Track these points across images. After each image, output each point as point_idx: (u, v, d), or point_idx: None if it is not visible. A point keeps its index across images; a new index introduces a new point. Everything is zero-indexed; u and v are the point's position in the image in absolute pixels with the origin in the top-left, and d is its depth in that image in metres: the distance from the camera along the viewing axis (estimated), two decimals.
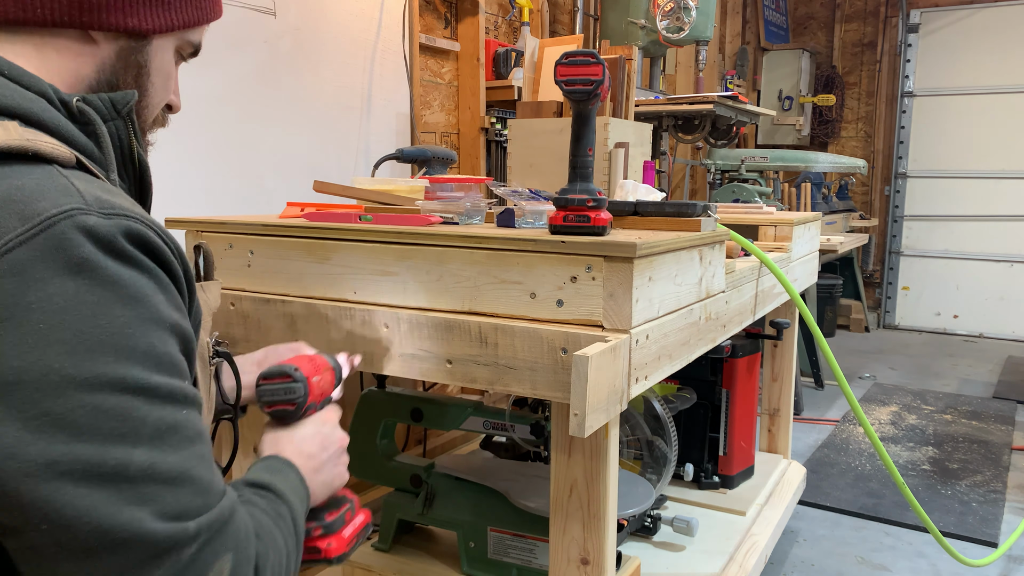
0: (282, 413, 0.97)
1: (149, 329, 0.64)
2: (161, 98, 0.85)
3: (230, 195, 2.25)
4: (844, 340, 5.76)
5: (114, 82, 0.79)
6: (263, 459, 0.89)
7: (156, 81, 0.83)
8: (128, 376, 0.62)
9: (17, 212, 0.61)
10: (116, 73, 0.79)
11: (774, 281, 1.85)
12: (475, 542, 1.62)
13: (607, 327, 1.09)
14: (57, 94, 0.72)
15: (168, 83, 0.86)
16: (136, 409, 0.62)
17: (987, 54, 5.89)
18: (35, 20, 0.73)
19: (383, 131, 2.85)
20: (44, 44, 0.74)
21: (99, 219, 0.63)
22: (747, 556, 1.88)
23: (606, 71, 1.15)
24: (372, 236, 1.28)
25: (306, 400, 0.97)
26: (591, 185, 1.18)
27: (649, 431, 1.99)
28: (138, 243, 0.65)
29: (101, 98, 0.75)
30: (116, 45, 0.78)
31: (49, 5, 0.73)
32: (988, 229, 6.02)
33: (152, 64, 0.82)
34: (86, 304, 0.61)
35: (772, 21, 6.35)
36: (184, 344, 0.69)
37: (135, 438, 0.61)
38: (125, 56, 0.79)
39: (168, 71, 0.85)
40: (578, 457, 1.14)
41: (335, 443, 0.97)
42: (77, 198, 0.63)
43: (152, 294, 0.65)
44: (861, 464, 3.19)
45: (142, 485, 0.61)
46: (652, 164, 2.05)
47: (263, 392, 0.97)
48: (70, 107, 0.73)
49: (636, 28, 3.52)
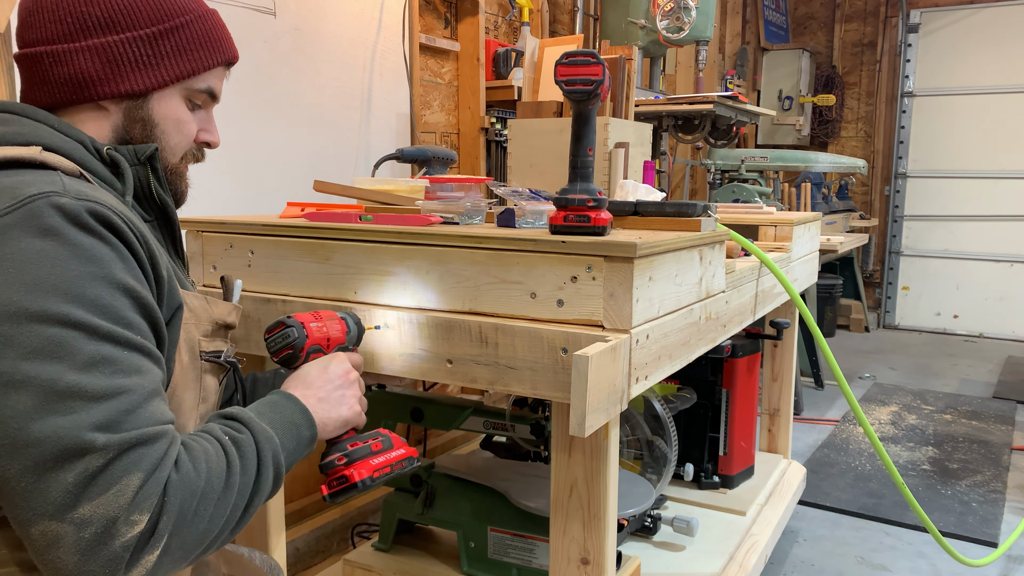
0: (287, 357, 1.06)
1: (99, 284, 0.77)
2: (178, 141, 1.00)
3: (230, 195, 2.25)
4: (844, 340, 5.76)
5: (128, 137, 0.96)
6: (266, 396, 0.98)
7: (167, 128, 0.98)
8: (72, 314, 0.74)
9: (9, 194, 0.78)
10: (128, 128, 0.96)
11: (774, 281, 1.85)
12: (475, 542, 1.62)
13: (607, 327, 1.09)
14: (93, 143, 0.92)
15: (183, 128, 1.00)
16: (74, 340, 0.74)
17: (987, 54, 5.89)
18: (59, 102, 0.93)
19: (383, 131, 2.85)
20: (72, 117, 0.94)
21: (70, 200, 0.79)
22: (747, 556, 1.88)
23: (606, 71, 1.15)
24: (372, 236, 1.28)
25: (304, 343, 1.06)
26: (591, 185, 1.18)
27: (649, 431, 1.99)
28: (101, 220, 0.80)
29: (128, 148, 0.95)
30: (122, 107, 0.95)
31: (61, 91, 0.93)
32: (988, 229, 6.02)
33: (156, 115, 0.97)
34: (48, 258, 0.75)
35: (772, 21, 6.36)
36: (139, 306, 0.81)
37: (70, 361, 0.73)
38: (130, 114, 0.96)
39: (178, 118, 0.99)
40: (578, 457, 1.14)
41: (340, 375, 1.05)
42: (59, 186, 0.80)
43: (108, 259, 0.79)
44: (861, 464, 3.19)
45: (68, 399, 0.72)
46: (652, 164, 2.05)
47: (268, 345, 1.06)
48: (102, 154, 0.93)
49: (636, 28, 3.52)
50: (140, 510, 0.72)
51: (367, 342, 1.27)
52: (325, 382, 1.03)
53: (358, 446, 1.02)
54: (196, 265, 1.50)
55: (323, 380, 1.03)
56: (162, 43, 0.95)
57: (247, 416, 0.90)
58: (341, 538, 2.21)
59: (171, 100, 0.98)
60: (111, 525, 0.71)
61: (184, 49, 0.97)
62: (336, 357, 1.07)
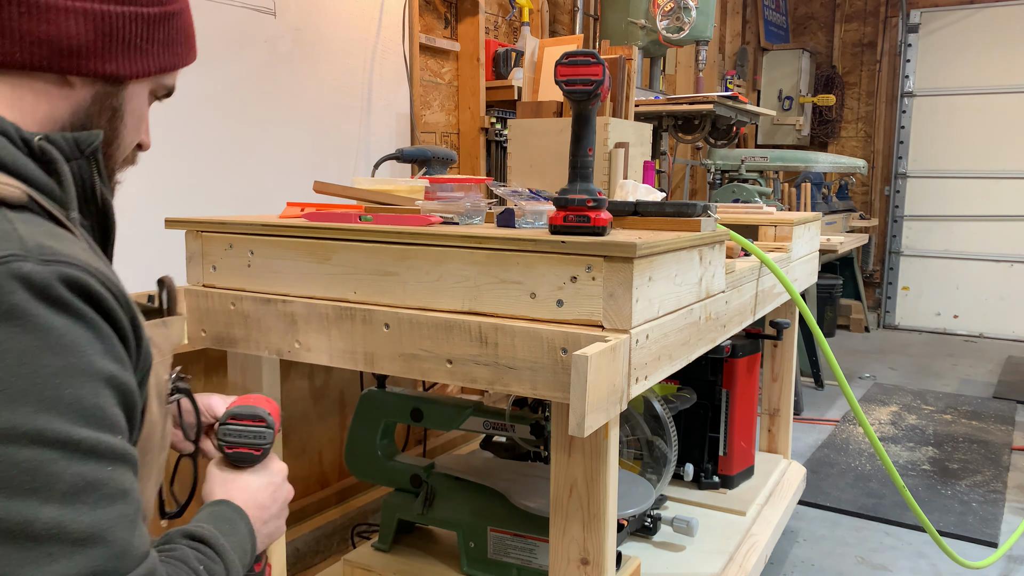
0: (244, 457, 0.94)
1: (78, 380, 0.62)
2: (132, 139, 0.87)
3: (230, 195, 2.25)
4: (844, 340, 5.76)
5: (87, 124, 0.80)
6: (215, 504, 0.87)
7: (129, 123, 0.85)
8: (48, 428, 0.59)
9: None
10: (90, 116, 0.80)
11: (774, 281, 1.85)
12: (475, 542, 1.62)
13: (607, 327, 1.09)
14: (19, 132, 0.71)
15: (140, 124, 0.87)
16: (52, 463, 0.59)
17: (987, 54, 5.89)
18: (13, 63, 0.74)
19: (383, 131, 2.85)
20: (20, 85, 0.75)
21: (35, 266, 0.61)
22: (747, 556, 1.88)
23: (606, 71, 1.15)
24: (372, 236, 1.28)
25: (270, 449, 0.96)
26: (591, 185, 1.18)
27: (649, 431, 1.99)
28: (76, 290, 0.64)
29: (65, 137, 0.75)
30: (92, 89, 0.80)
31: (29, 50, 0.73)
32: (988, 229, 6.02)
33: (127, 107, 0.84)
34: (12, 352, 0.59)
35: (772, 21, 6.36)
36: (123, 397, 0.67)
37: (46, 494, 0.58)
38: (100, 100, 0.81)
39: (141, 113, 0.87)
40: (578, 457, 1.14)
41: (284, 495, 0.97)
42: (16, 244, 0.62)
43: (86, 344, 0.63)
44: (861, 464, 3.19)
45: (48, 544, 0.57)
46: (652, 164, 2.05)
47: (229, 432, 0.94)
48: (31, 145, 0.72)
49: (636, 28, 3.52)
50: None
51: (367, 342, 1.27)
52: (272, 501, 0.94)
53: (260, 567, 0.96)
54: (196, 266, 1.50)
55: (272, 502, 0.94)
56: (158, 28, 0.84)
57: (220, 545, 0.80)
58: (341, 538, 2.22)
59: (143, 93, 0.86)
60: None
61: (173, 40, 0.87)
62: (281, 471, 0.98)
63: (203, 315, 1.46)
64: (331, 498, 2.27)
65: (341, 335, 1.29)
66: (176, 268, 1.62)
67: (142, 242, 1.88)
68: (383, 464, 1.76)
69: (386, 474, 1.76)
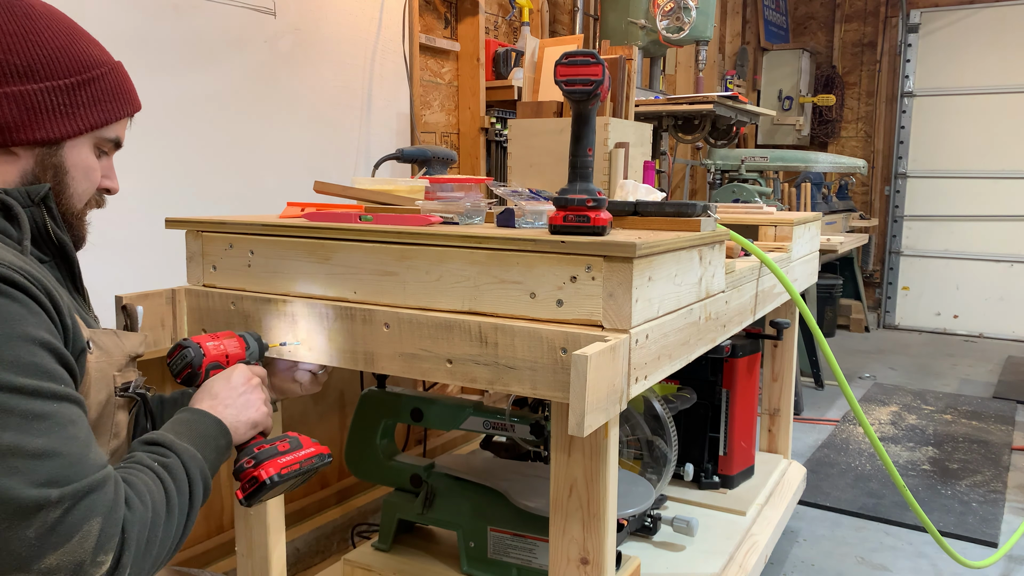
0: (188, 376, 1.14)
1: (15, 343, 0.80)
2: (85, 188, 1.04)
3: (230, 195, 2.25)
4: (844, 340, 5.76)
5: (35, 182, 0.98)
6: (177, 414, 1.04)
7: (76, 175, 1.02)
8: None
9: None
10: (37, 175, 0.98)
11: (774, 281, 1.85)
12: (475, 542, 1.62)
13: (607, 327, 1.09)
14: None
15: (90, 175, 1.04)
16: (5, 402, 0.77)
17: (987, 54, 5.89)
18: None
19: (383, 131, 2.85)
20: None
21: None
22: (747, 556, 1.88)
23: (606, 71, 1.15)
24: (372, 236, 1.28)
25: (201, 360, 1.14)
26: (591, 185, 1.18)
27: (649, 431, 1.99)
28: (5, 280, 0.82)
29: (19, 190, 0.96)
30: (33, 153, 0.97)
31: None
32: (988, 229, 6.02)
33: (68, 162, 1.00)
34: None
35: (772, 21, 6.35)
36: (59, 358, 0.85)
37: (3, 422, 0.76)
38: (42, 161, 0.98)
39: (87, 165, 1.03)
40: (578, 457, 1.14)
41: (242, 383, 1.12)
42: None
43: (19, 316, 0.82)
44: (861, 464, 3.19)
45: (10, 459, 0.75)
46: (652, 164, 2.05)
47: (170, 368, 1.14)
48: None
49: (636, 28, 3.52)
50: (104, 551, 0.78)
51: (367, 342, 1.27)
52: (229, 391, 1.10)
53: (264, 448, 1.09)
54: (196, 266, 1.50)
55: (227, 390, 1.11)
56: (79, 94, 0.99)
57: (169, 439, 0.96)
58: (341, 538, 2.21)
59: (82, 148, 1.02)
60: (78, 569, 0.76)
61: (98, 100, 1.01)
62: (236, 368, 1.15)
63: (203, 315, 1.46)
64: (331, 498, 2.27)
65: (341, 335, 1.29)
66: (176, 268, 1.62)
67: (143, 242, 1.88)
68: (383, 464, 1.76)
69: (386, 474, 1.76)
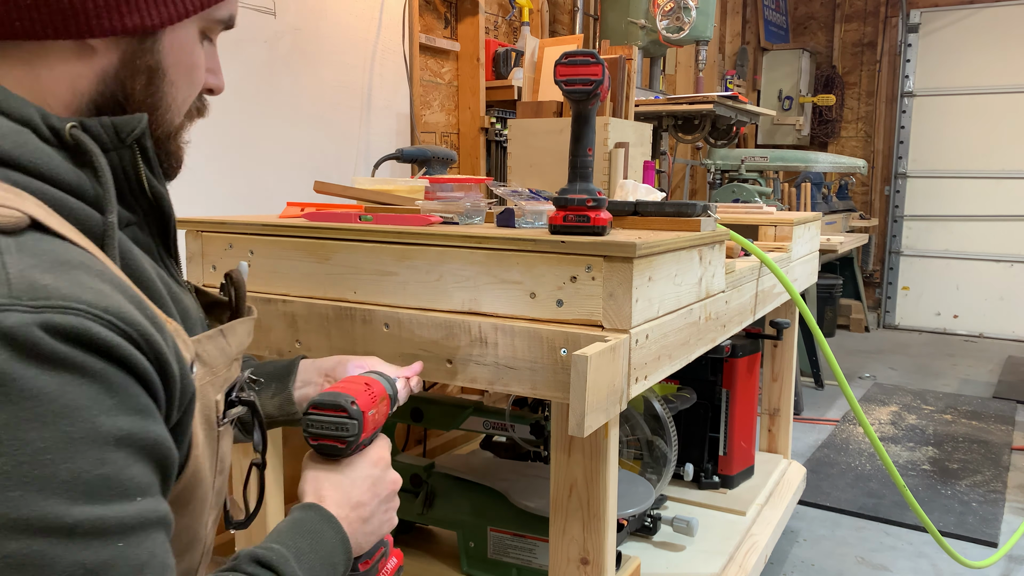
0: (329, 449, 0.84)
1: (77, 450, 0.51)
2: (187, 95, 0.73)
3: (230, 195, 2.25)
4: (844, 340, 5.76)
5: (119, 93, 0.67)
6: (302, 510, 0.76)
7: (176, 79, 0.70)
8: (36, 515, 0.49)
9: None
10: (122, 82, 0.66)
11: (774, 281, 1.85)
12: (475, 542, 1.62)
13: (607, 327, 1.09)
14: (46, 120, 0.61)
15: (194, 74, 0.72)
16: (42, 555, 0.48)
17: (987, 54, 5.89)
18: (17, 34, 0.61)
19: (383, 131, 2.85)
20: (33, 60, 0.63)
21: (22, 315, 0.50)
22: (747, 556, 1.88)
23: (606, 71, 1.15)
24: (372, 236, 1.28)
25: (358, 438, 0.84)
26: (591, 185, 1.18)
27: (649, 431, 1.99)
28: (75, 340, 0.52)
29: (103, 123, 0.64)
30: (119, 50, 0.65)
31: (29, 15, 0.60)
32: (988, 229, 6.02)
33: (166, 62, 0.68)
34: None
35: (772, 21, 6.35)
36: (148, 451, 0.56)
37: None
38: (130, 61, 0.66)
39: (191, 62, 0.71)
40: (578, 457, 1.14)
41: (387, 487, 0.84)
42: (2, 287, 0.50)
43: (88, 404, 0.52)
44: (861, 464, 3.19)
45: None
46: (652, 164, 2.05)
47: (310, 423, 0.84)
48: (61, 135, 0.61)
49: (636, 28, 3.51)
50: None
51: (367, 342, 1.27)
52: (372, 497, 0.81)
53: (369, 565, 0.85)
54: (196, 266, 1.50)
55: (370, 496, 0.81)
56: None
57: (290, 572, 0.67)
58: None
59: (186, 37, 0.69)
60: None
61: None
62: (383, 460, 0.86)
63: None
64: None
65: (341, 335, 1.29)
66: None
67: None
68: None
69: None
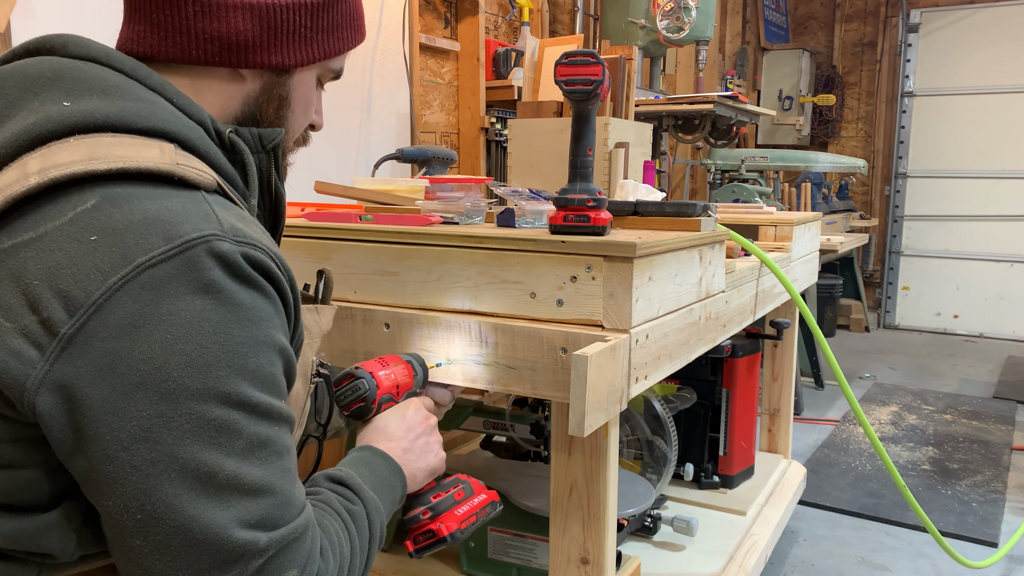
0: (359, 411, 1.01)
1: (260, 350, 0.70)
2: (301, 124, 0.92)
3: None
4: (844, 340, 5.76)
5: (256, 114, 0.86)
6: (357, 450, 0.95)
7: (297, 109, 0.90)
8: (235, 391, 0.68)
9: (162, 232, 0.67)
10: (259, 105, 0.86)
11: (774, 281, 1.85)
12: (475, 542, 1.62)
13: (607, 327, 1.09)
14: (214, 124, 0.81)
15: (308, 109, 0.92)
16: (235, 422, 0.67)
17: (987, 54, 5.89)
18: (192, 60, 0.81)
19: (383, 131, 2.85)
20: (199, 81, 0.82)
21: (231, 245, 0.69)
22: (747, 556, 1.88)
23: (606, 71, 1.15)
24: (372, 236, 1.28)
25: (375, 393, 1.01)
26: (591, 185, 1.18)
27: (649, 431, 1.99)
28: (260, 269, 0.72)
29: (252, 132, 0.84)
30: (261, 80, 0.85)
31: (204, 47, 0.80)
32: (988, 229, 6.02)
33: (293, 95, 0.88)
34: (209, 321, 0.67)
35: (772, 21, 6.36)
36: (287, 365, 0.75)
37: (228, 448, 0.67)
38: (268, 90, 0.86)
39: (308, 99, 0.91)
40: (578, 457, 1.14)
41: (420, 423, 1.02)
42: (215, 224, 0.69)
43: (267, 317, 0.72)
44: (861, 464, 3.19)
45: (228, 492, 0.67)
46: (652, 164, 2.05)
47: (337, 398, 1.01)
48: (223, 137, 0.81)
49: (636, 28, 3.52)
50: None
51: (367, 342, 1.27)
52: (407, 431, 1.01)
53: (441, 497, 0.99)
54: None
55: (404, 430, 1.01)
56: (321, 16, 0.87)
57: (357, 484, 0.88)
58: None
59: (310, 78, 0.90)
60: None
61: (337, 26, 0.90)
62: (411, 404, 1.05)
63: None
64: None
65: (341, 335, 1.29)
66: None
67: None
68: None
69: None
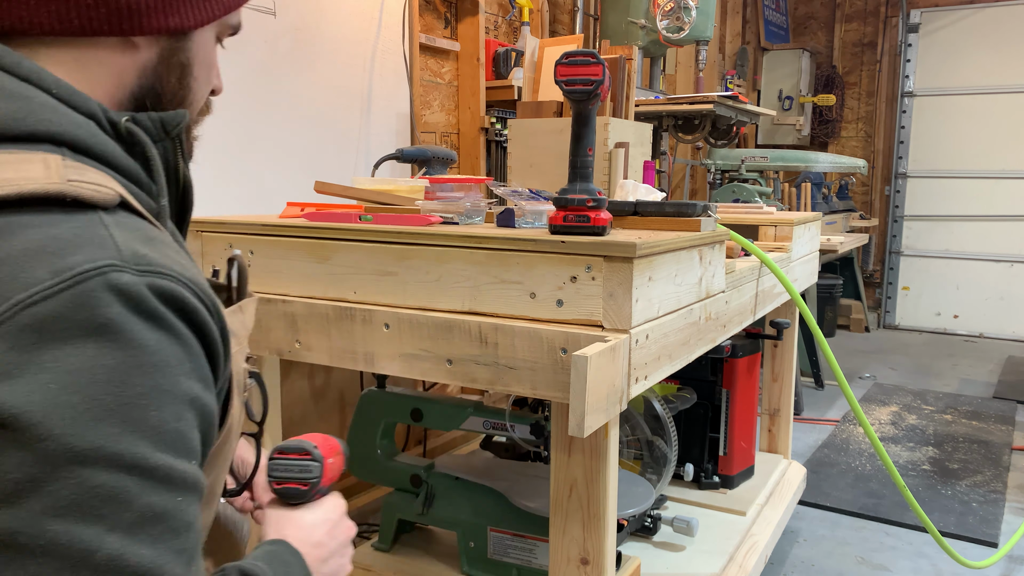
0: (292, 492, 0.91)
1: (165, 402, 0.59)
2: (204, 91, 0.81)
3: (230, 195, 2.25)
4: (844, 340, 5.76)
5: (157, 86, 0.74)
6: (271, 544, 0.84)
7: (199, 75, 0.78)
8: (128, 452, 0.56)
9: (48, 264, 0.56)
10: (159, 76, 0.74)
11: (774, 281, 1.85)
12: (475, 542, 1.62)
13: (607, 327, 1.09)
14: (106, 114, 0.69)
15: (210, 73, 0.81)
16: (125, 490, 0.56)
17: (987, 54, 5.89)
18: (72, 31, 0.68)
19: (383, 131, 2.85)
20: (84, 55, 0.69)
21: (133, 276, 0.59)
22: (747, 556, 1.88)
23: (606, 71, 1.15)
24: (372, 236, 1.28)
25: (319, 483, 0.92)
26: (591, 185, 1.18)
27: (649, 431, 1.99)
28: (171, 303, 0.61)
29: (152, 118, 0.72)
30: (158, 47, 0.73)
31: (87, 14, 0.67)
32: (988, 229, 6.02)
33: (195, 59, 0.77)
34: (103, 368, 0.56)
35: (772, 21, 6.35)
36: (202, 419, 0.64)
37: (113, 522, 0.55)
38: (167, 57, 0.74)
39: (210, 61, 0.80)
40: (578, 457, 1.14)
41: (343, 532, 0.92)
42: (113, 252, 0.59)
43: (176, 363, 0.61)
44: (861, 464, 3.19)
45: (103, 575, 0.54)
46: (652, 164, 2.05)
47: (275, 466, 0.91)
48: (118, 128, 0.69)
49: (636, 28, 3.51)
50: None
51: (367, 342, 1.27)
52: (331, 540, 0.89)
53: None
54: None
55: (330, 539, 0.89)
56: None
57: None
58: None
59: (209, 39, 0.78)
60: None
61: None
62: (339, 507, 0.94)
63: None
64: None
65: (341, 335, 1.29)
66: None
67: None
68: (383, 464, 1.76)
69: (386, 474, 1.76)
